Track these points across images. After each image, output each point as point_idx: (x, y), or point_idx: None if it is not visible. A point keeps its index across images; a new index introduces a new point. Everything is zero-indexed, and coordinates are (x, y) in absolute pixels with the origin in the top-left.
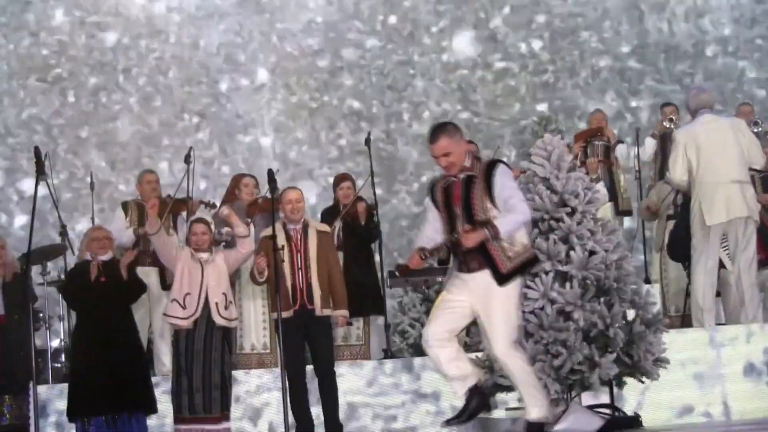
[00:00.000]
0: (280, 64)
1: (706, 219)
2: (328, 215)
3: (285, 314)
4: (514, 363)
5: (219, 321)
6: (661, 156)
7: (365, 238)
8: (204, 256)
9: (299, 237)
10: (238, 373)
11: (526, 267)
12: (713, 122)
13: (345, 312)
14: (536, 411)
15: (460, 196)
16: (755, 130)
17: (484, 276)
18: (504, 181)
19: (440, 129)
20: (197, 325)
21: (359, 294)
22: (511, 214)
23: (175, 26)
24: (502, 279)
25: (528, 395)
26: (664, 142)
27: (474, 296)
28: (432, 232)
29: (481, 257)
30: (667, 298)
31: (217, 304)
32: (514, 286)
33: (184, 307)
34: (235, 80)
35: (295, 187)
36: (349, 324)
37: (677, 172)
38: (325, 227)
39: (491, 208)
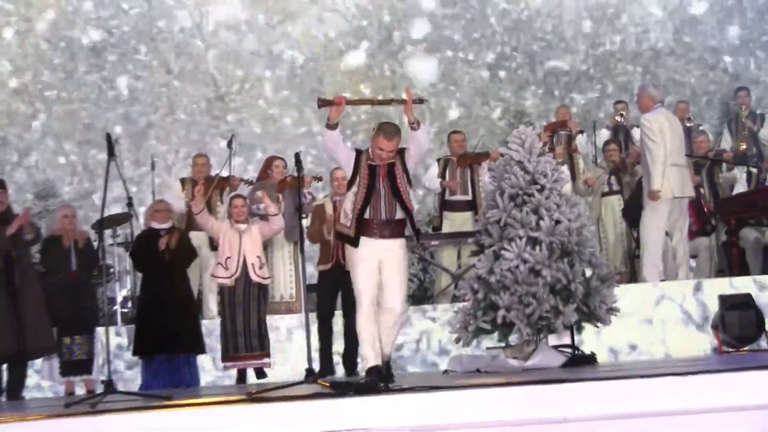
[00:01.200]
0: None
1: (664, 193)
2: None
3: (323, 267)
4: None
5: (254, 278)
6: (615, 144)
7: None
8: (242, 226)
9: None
10: (271, 318)
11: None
12: (669, 114)
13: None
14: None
15: (385, 175)
16: (688, 125)
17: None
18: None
19: (398, 131)
20: (237, 282)
21: None
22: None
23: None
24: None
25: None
26: (616, 132)
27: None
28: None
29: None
30: (609, 259)
31: (252, 265)
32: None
33: (226, 268)
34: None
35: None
36: None
37: (662, 153)
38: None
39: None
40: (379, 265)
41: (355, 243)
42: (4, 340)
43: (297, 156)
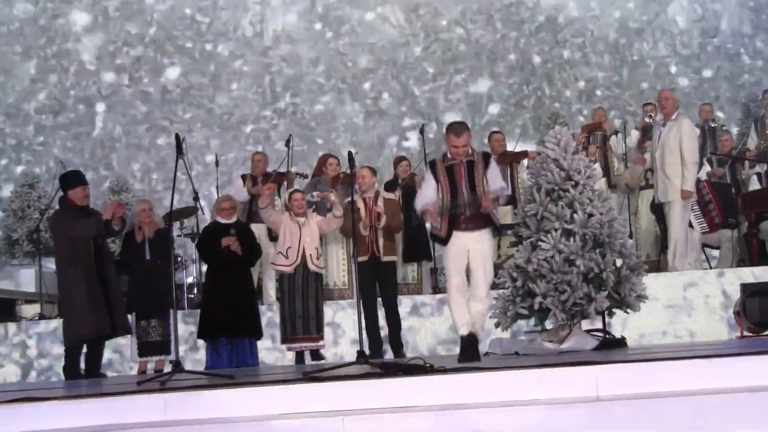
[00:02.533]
0: None
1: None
2: (390, 186)
3: (361, 259)
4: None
5: (312, 268)
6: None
7: None
8: (301, 219)
9: (371, 202)
10: (326, 303)
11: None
12: None
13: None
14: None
15: (464, 174)
16: (712, 125)
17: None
18: (494, 167)
19: (466, 126)
20: (297, 270)
21: (413, 245)
22: (498, 186)
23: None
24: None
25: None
26: (645, 132)
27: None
28: (431, 196)
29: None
30: (640, 248)
31: (311, 255)
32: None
33: (287, 257)
34: None
35: (367, 166)
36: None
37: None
38: (391, 195)
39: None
40: (467, 254)
41: (445, 242)
42: (101, 320)
43: (350, 154)
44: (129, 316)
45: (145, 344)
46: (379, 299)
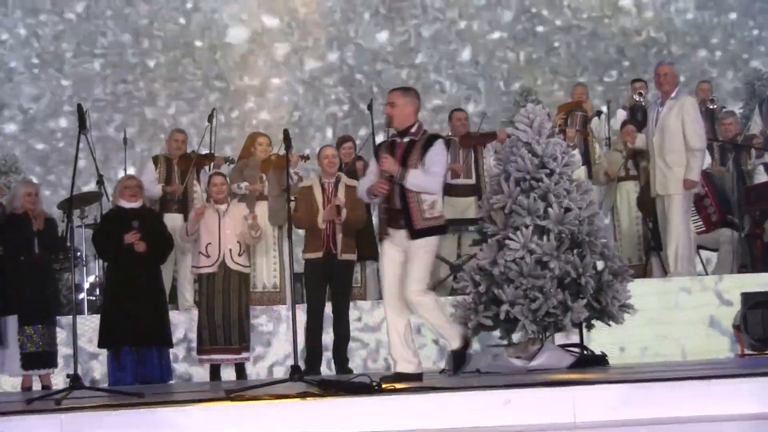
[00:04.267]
0: None
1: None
2: None
3: (313, 256)
4: (426, 303)
5: (233, 266)
6: (633, 125)
7: None
8: (222, 207)
9: (331, 190)
10: (253, 309)
11: (437, 230)
12: None
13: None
14: (456, 341)
15: (401, 156)
16: (711, 107)
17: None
18: (434, 155)
19: (401, 87)
20: (218, 269)
21: (357, 242)
22: (426, 176)
23: None
24: (415, 234)
25: (444, 330)
26: (634, 112)
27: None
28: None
29: (403, 216)
30: (620, 251)
31: (231, 250)
32: (430, 241)
33: (208, 256)
34: None
35: (331, 145)
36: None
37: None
38: (355, 182)
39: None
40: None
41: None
42: None
43: (285, 132)
44: (9, 321)
45: (30, 355)
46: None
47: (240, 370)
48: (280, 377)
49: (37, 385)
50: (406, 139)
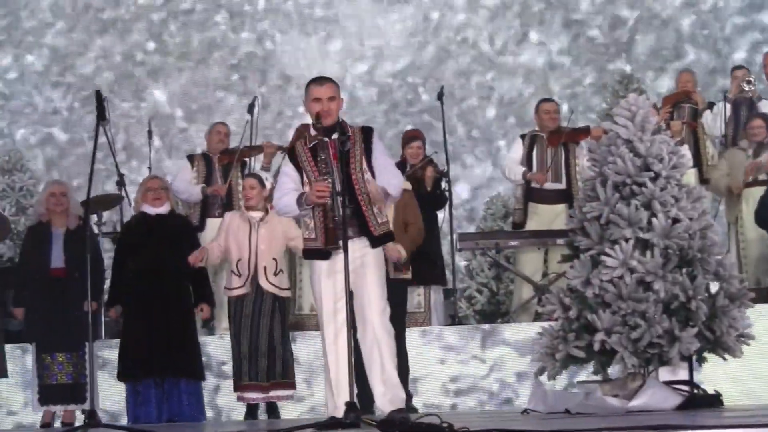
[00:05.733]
0: None
1: None
2: None
3: None
4: (391, 330)
5: (267, 287)
6: (734, 122)
7: (430, 205)
8: (255, 215)
9: None
10: (295, 335)
11: (389, 237)
12: None
13: (403, 251)
14: (401, 392)
15: (336, 156)
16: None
17: (361, 241)
18: (382, 148)
19: (329, 78)
20: (249, 289)
21: (420, 262)
22: (394, 179)
23: None
24: (375, 241)
25: (393, 368)
26: (738, 107)
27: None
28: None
29: (357, 223)
30: (745, 272)
31: (265, 268)
32: (382, 252)
33: (239, 275)
34: None
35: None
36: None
37: None
38: (407, 185)
39: (367, 171)
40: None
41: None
42: None
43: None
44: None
45: (48, 388)
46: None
47: (271, 409)
48: (330, 418)
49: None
50: (334, 137)
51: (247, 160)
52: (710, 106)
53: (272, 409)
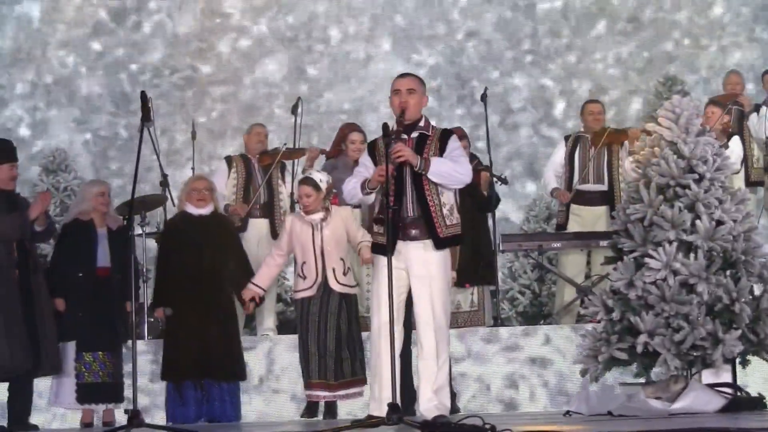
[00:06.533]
0: None
1: None
2: None
3: None
4: (448, 337)
5: (338, 288)
6: None
7: (484, 207)
8: (315, 217)
9: None
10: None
11: (458, 240)
12: None
13: (452, 274)
14: (447, 401)
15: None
16: None
17: (424, 244)
18: (456, 146)
19: (413, 74)
20: (317, 291)
21: (474, 261)
22: (451, 162)
23: None
24: (439, 243)
25: (444, 378)
26: None
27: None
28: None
29: (422, 224)
30: None
31: (334, 270)
32: (449, 256)
33: (304, 278)
34: None
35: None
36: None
37: None
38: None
39: None
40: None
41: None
42: (16, 353)
43: (385, 128)
44: (68, 346)
45: (88, 386)
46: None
47: (329, 408)
48: (374, 417)
49: (100, 421)
50: (414, 135)
51: (286, 162)
52: (756, 108)
53: (330, 409)
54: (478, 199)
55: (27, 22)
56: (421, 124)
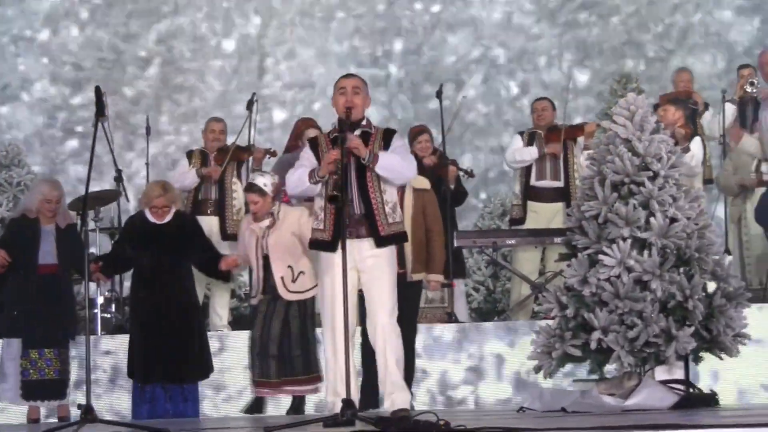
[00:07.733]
0: None
1: None
2: None
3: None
4: (398, 332)
5: (288, 297)
6: (740, 122)
7: (451, 202)
8: (261, 225)
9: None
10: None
11: (401, 238)
12: None
13: (440, 277)
14: (406, 394)
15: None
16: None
17: (369, 242)
18: (401, 144)
19: (355, 74)
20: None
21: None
22: (397, 156)
23: None
24: (380, 241)
25: (399, 373)
26: (743, 107)
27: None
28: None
29: (365, 222)
30: (748, 271)
31: (282, 279)
32: (393, 253)
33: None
34: None
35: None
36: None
37: None
38: (426, 184)
39: None
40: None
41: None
42: None
43: (341, 123)
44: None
45: (33, 383)
46: None
47: (295, 405)
48: (328, 413)
49: (52, 417)
50: (357, 133)
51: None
52: (707, 105)
53: (295, 406)
54: (444, 194)
55: None
56: (364, 122)
